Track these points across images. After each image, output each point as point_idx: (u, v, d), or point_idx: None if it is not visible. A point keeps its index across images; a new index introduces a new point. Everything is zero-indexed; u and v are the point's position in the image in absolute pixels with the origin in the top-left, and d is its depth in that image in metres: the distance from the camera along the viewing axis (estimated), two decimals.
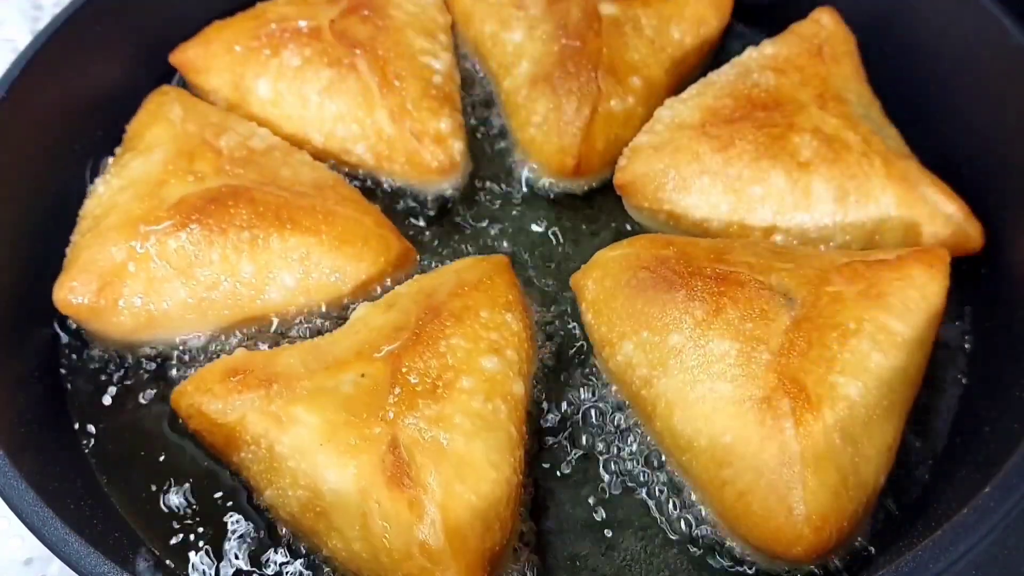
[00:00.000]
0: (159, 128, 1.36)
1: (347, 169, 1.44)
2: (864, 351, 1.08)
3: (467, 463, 1.03)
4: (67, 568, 0.95)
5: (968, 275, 1.28)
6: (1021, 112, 1.27)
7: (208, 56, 1.46)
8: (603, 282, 1.22)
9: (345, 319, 1.22)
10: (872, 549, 1.09)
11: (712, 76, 1.44)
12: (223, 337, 1.26)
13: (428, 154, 1.39)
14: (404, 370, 1.09)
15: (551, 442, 1.19)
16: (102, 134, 1.42)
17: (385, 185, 1.44)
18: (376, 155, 1.41)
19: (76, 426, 1.22)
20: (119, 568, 0.93)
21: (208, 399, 1.10)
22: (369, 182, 1.44)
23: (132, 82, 1.47)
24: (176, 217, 1.23)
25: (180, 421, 1.17)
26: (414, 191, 1.43)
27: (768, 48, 1.45)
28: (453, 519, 0.99)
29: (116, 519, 1.13)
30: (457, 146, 1.42)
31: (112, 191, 1.30)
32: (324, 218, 1.27)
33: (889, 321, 1.11)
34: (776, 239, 1.29)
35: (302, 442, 1.04)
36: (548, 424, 1.20)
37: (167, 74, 1.49)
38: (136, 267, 1.21)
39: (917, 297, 1.14)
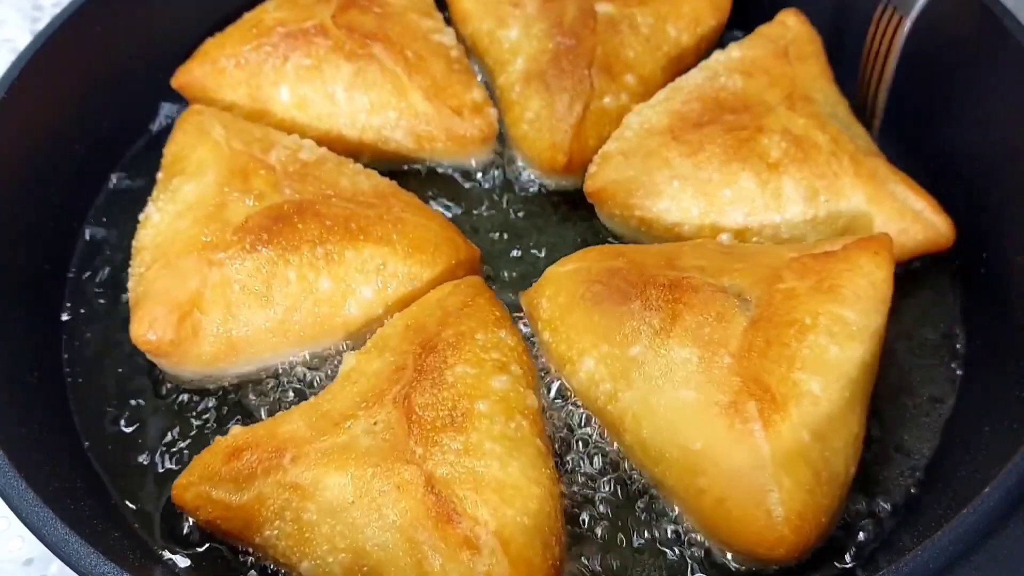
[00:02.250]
0: (204, 149, 1.31)
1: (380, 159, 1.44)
2: (822, 345, 1.08)
3: (509, 485, 1.00)
4: (67, 568, 0.95)
5: (967, 275, 1.28)
6: (1021, 112, 1.27)
7: (216, 73, 1.44)
8: (556, 299, 1.20)
9: None
10: (872, 549, 1.09)
11: (680, 81, 1.43)
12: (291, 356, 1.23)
13: (471, 126, 1.41)
14: (417, 408, 1.05)
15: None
16: (102, 135, 1.42)
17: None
18: (416, 137, 1.41)
19: (76, 426, 1.22)
20: (119, 568, 0.93)
21: (215, 484, 1.05)
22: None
23: (132, 82, 1.47)
24: (246, 239, 1.19)
25: (187, 518, 1.11)
26: None
27: (735, 51, 1.44)
28: (512, 544, 0.97)
29: (116, 519, 1.13)
30: (493, 112, 1.45)
31: (170, 218, 1.25)
32: (394, 226, 1.24)
33: (843, 312, 1.10)
34: (752, 241, 1.29)
35: (331, 504, 1.00)
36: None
37: (167, 74, 1.48)
38: (213, 294, 1.18)
39: (866, 285, 1.13)
